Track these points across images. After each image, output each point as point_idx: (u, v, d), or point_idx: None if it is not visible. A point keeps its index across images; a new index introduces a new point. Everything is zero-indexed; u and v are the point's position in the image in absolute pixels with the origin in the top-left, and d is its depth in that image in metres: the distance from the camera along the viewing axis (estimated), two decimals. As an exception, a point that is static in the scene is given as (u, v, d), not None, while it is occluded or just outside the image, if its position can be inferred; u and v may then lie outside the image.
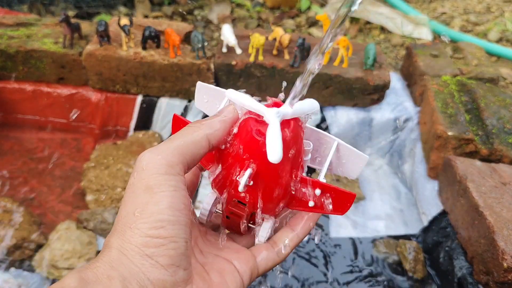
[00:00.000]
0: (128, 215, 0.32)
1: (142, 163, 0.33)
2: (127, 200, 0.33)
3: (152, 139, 1.31)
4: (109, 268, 0.30)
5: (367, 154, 1.50)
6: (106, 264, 0.31)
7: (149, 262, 0.31)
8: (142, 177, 0.33)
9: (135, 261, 0.31)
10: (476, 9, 1.96)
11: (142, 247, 0.31)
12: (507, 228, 0.83)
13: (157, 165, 0.33)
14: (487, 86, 1.25)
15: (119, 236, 0.32)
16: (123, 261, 0.31)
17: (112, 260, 0.31)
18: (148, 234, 0.31)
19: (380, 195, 1.22)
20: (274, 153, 0.34)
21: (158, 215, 0.31)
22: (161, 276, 0.31)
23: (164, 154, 0.33)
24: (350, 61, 1.27)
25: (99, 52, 1.22)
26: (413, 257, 1.02)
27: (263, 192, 0.38)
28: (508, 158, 1.05)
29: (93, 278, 0.30)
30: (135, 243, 0.31)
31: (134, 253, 0.31)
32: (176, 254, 0.32)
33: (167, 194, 0.32)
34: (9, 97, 1.31)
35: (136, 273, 0.30)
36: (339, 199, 0.40)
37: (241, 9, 1.97)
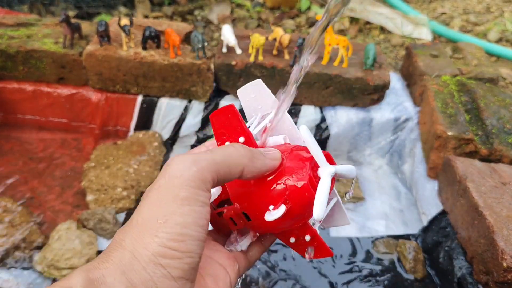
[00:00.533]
0: (150, 220, 0.32)
1: (175, 169, 0.33)
2: (151, 203, 0.32)
3: (152, 139, 1.31)
4: (119, 273, 0.30)
5: (367, 154, 1.50)
6: (116, 266, 0.30)
7: (161, 272, 0.31)
8: (173, 184, 0.32)
9: (147, 269, 0.30)
10: (476, 9, 1.97)
11: (158, 256, 0.31)
12: (507, 228, 0.83)
13: (192, 177, 0.32)
14: (486, 86, 1.26)
15: (136, 239, 0.31)
16: (135, 267, 0.30)
17: (124, 263, 0.31)
18: (167, 245, 0.31)
19: (380, 195, 1.22)
20: (319, 211, 0.35)
21: (182, 228, 0.31)
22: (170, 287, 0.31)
23: (200, 167, 0.33)
24: (350, 61, 1.28)
25: (99, 52, 1.22)
26: (413, 257, 1.02)
27: (274, 224, 0.38)
28: (508, 158, 1.05)
29: (101, 279, 0.29)
30: (151, 250, 0.31)
31: (148, 259, 0.31)
32: (189, 268, 0.32)
33: (195, 209, 0.32)
34: (9, 97, 1.31)
35: (146, 280, 0.30)
36: (318, 249, 0.42)
37: (241, 9, 1.98)
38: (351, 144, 1.32)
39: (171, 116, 1.32)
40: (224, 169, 0.34)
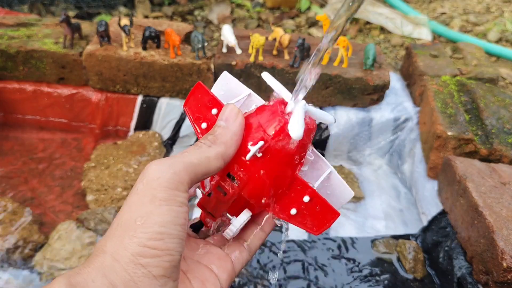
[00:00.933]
0: (129, 222, 0.32)
1: (152, 173, 0.34)
2: (130, 206, 0.33)
3: (153, 139, 1.31)
4: (100, 275, 0.30)
5: (366, 154, 1.50)
6: (97, 270, 0.31)
7: (142, 272, 0.31)
8: (151, 187, 0.33)
9: (128, 269, 0.31)
10: (476, 9, 1.97)
11: (137, 256, 0.31)
12: (507, 228, 0.83)
13: (168, 179, 0.33)
14: (486, 86, 1.26)
15: (116, 242, 0.32)
16: (116, 268, 0.31)
17: (104, 266, 0.31)
18: (146, 244, 0.31)
19: (380, 195, 1.23)
20: (296, 129, 0.34)
21: (160, 227, 0.32)
22: (151, 286, 0.31)
23: (176, 170, 0.34)
24: (350, 61, 1.28)
25: (99, 52, 1.22)
26: (413, 257, 1.02)
27: (261, 176, 0.38)
28: (507, 158, 1.05)
29: (82, 283, 0.30)
30: (131, 250, 0.31)
31: (128, 260, 0.31)
32: (169, 266, 0.32)
33: (173, 209, 0.33)
34: (10, 97, 1.31)
35: (127, 281, 0.30)
36: (322, 214, 0.39)
37: (241, 9, 1.98)
38: (351, 144, 1.32)
39: (171, 116, 1.32)
40: (202, 165, 0.35)
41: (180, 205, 0.33)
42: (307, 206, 0.39)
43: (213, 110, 0.41)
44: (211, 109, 0.41)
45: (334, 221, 0.39)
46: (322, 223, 0.39)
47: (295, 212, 0.40)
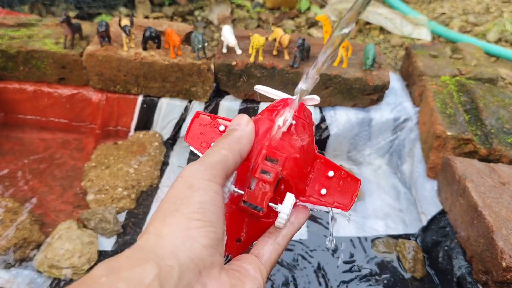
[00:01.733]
0: (169, 205, 0.34)
1: (187, 171, 0.36)
2: (168, 197, 0.35)
3: (153, 139, 1.32)
4: (145, 252, 0.30)
5: (366, 154, 1.50)
6: (142, 249, 0.31)
7: (191, 242, 0.32)
8: (187, 180, 0.35)
9: (176, 242, 0.31)
10: (475, 9, 1.97)
11: (184, 228, 0.32)
12: (506, 228, 0.83)
13: (202, 173, 0.35)
14: (486, 86, 1.26)
15: (158, 223, 0.33)
16: (162, 244, 0.31)
17: (149, 245, 0.31)
18: (191, 216, 0.33)
19: (380, 195, 1.23)
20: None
21: (200, 204, 0.33)
22: (202, 255, 0.32)
23: (208, 166, 0.36)
24: (349, 61, 1.28)
25: (99, 52, 1.22)
26: (413, 257, 1.02)
27: (293, 148, 0.40)
28: (507, 158, 1.06)
29: (126, 263, 0.29)
30: (177, 225, 0.32)
31: (175, 235, 0.32)
32: (215, 238, 0.33)
33: (209, 193, 0.34)
34: (10, 97, 1.32)
35: (176, 252, 0.31)
36: (347, 186, 0.41)
37: (241, 9, 1.98)
38: (351, 144, 1.32)
39: (172, 116, 1.32)
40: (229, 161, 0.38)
41: (216, 192, 0.35)
42: (332, 182, 0.41)
43: (221, 127, 0.44)
44: (218, 127, 0.44)
45: (358, 189, 0.41)
46: (349, 196, 0.41)
47: (325, 192, 0.41)
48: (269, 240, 0.41)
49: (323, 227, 1.12)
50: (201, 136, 0.45)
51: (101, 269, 0.29)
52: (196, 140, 0.44)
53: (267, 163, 0.40)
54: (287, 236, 0.41)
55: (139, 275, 0.28)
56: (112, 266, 0.29)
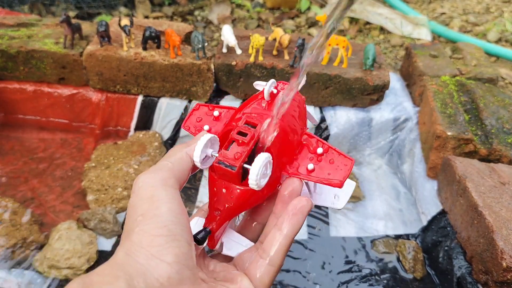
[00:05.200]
0: (132, 223, 0.34)
1: (138, 183, 0.37)
2: (129, 215, 0.35)
3: (153, 139, 1.32)
4: (115, 269, 0.31)
5: (366, 154, 1.49)
6: (112, 266, 0.32)
7: (155, 261, 0.32)
8: (140, 193, 0.36)
9: (141, 261, 0.32)
10: (476, 9, 1.97)
11: (147, 247, 0.32)
12: (506, 228, 0.83)
13: (153, 181, 0.36)
14: (486, 86, 1.26)
15: (125, 241, 0.33)
16: (130, 262, 0.32)
17: (118, 262, 0.32)
18: (152, 233, 0.33)
19: (380, 195, 1.23)
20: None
21: (160, 217, 0.34)
22: (167, 274, 0.32)
23: (157, 173, 0.37)
24: (349, 61, 1.28)
25: (99, 52, 1.22)
26: (413, 257, 1.02)
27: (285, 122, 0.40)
28: (507, 158, 1.06)
29: (97, 280, 0.30)
30: (140, 244, 0.32)
31: (140, 253, 0.32)
32: (180, 252, 0.33)
33: (166, 201, 0.35)
34: (10, 97, 1.32)
35: (143, 272, 0.31)
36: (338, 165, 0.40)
37: (241, 9, 1.98)
38: (351, 144, 1.32)
39: (171, 116, 1.32)
40: (175, 164, 0.38)
41: (172, 197, 0.35)
42: (321, 160, 0.40)
43: (215, 112, 0.45)
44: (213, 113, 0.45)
45: (351, 168, 0.40)
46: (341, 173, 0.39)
47: (312, 167, 0.40)
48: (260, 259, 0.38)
49: (323, 227, 1.12)
50: (197, 123, 0.46)
51: (75, 285, 0.30)
52: (192, 126, 0.46)
53: (246, 126, 0.40)
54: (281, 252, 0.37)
55: None
56: (85, 283, 0.30)
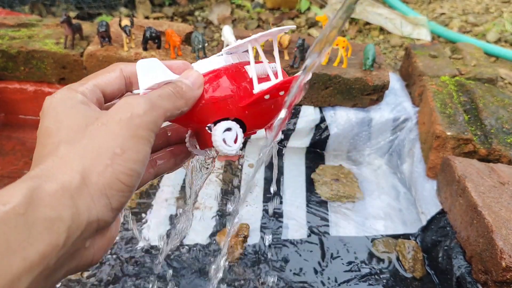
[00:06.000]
0: (107, 149, 0.32)
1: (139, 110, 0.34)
2: (110, 132, 0.33)
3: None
4: (67, 196, 0.29)
5: (366, 154, 1.50)
6: (64, 189, 0.29)
7: (105, 202, 0.31)
8: (135, 123, 0.33)
9: (94, 197, 0.30)
10: (475, 9, 1.97)
11: (107, 186, 0.31)
12: (506, 228, 0.84)
13: (152, 121, 0.34)
14: (485, 87, 1.26)
15: (89, 163, 0.31)
16: (84, 193, 0.30)
17: (72, 187, 0.30)
18: (118, 177, 0.31)
19: (379, 195, 1.23)
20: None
21: (134, 163, 0.32)
22: (107, 218, 0.31)
23: (158, 114, 0.35)
24: (349, 61, 1.28)
25: (100, 52, 1.22)
26: (412, 256, 1.02)
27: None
28: (506, 158, 1.06)
29: (44, 199, 0.28)
30: (103, 180, 0.31)
31: (97, 188, 0.31)
32: (125, 202, 0.33)
33: (146, 150, 0.34)
34: (11, 98, 1.32)
35: (90, 208, 0.30)
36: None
37: (241, 10, 1.98)
38: (351, 144, 1.32)
39: (172, 116, 1.32)
40: (171, 116, 0.37)
41: (150, 146, 0.34)
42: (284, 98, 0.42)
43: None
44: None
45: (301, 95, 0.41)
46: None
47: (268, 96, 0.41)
48: None
49: (323, 226, 1.12)
50: None
51: (20, 194, 0.29)
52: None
53: None
54: None
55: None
56: (31, 196, 0.29)
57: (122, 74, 0.39)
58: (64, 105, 0.35)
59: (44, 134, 0.34)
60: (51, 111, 0.35)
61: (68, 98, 0.35)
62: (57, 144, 0.32)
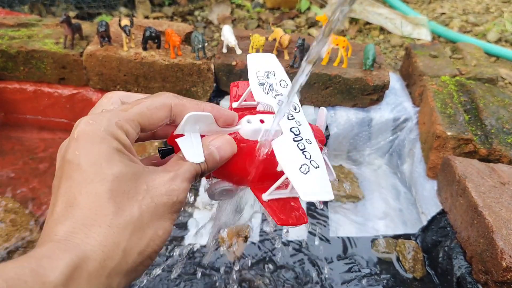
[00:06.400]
0: (153, 231, 0.32)
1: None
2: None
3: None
4: (105, 275, 0.29)
5: (366, 154, 1.50)
6: (105, 267, 0.29)
7: (132, 277, 0.31)
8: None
9: (127, 274, 0.30)
10: (475, 9, 1.97)
11: (140, 264, 0.31)
12: (506, 228, 0.83)
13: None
14: (486, 86, 1.26)
15: (135, 244, 0.30)
16: (122, 270, 0.30)
17: (113, 265, 0.29)
18: (151, 256, 0.32)
19: (380, 195, 1.23)
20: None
21: (163, 243, 0.33)
22: None
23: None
24: (349, 61, 1.28)
25: (99, 52, 1.22)
26: (412, 257, 1.02)
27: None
28: (507, 158, 1.06)
29: (84, 277, 0.27)
30: (140, 259, 0.31)
31: (132, 267, 0.30)
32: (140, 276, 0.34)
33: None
34: (10, 97, 1.32)
35: (120, 285, 0.30)
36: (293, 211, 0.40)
37: (241, 9, 1.98)
38: (351, 144, 1.32)
39: (172, 116, 1.32)
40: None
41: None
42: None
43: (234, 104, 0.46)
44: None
45: (299, 224, 0.40)
46: (288, 217, 0.40)
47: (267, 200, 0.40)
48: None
49: (324, 227, 1.12)
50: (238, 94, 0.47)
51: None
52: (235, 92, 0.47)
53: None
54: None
55: None
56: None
57: (170, 112, 0.37)
58: (98, 151, 0.31)
59: (76, 179, 0.31)
60: (82, 155, 0.31)
61: (102, 143, 0.31)
62: (99, 208, 0.30)
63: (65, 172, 0.31)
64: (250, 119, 0.41)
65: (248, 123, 0.40)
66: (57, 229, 0.29)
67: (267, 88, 0.45)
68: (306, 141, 0.40)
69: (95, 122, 0.32)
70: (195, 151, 0.37)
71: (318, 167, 0.38)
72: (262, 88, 0.44)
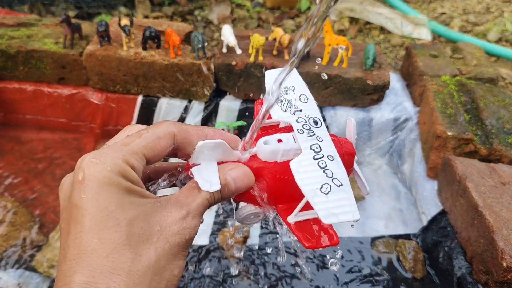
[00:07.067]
0: (169, 272, 0.32)
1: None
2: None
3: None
4: None
5: (366, 154, 1.50)
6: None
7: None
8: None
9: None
10: (476, 9, 1.97)
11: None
12: (506, 228, 0.83)
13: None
14: (486, 86, 1.26)
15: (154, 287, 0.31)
16: None
17: None
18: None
19: (380, 195, 1.23)
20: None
21: (178, 281, 0.33)
22: None
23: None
24: (349, 61, 1.28)
25: (99, 52, 1.22)
26: (413, 257, 1.02)
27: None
28: (507, 158, 1.05)
29: None
30: None
31: None
32: None
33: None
34: (10, 97, 1.32)
35: None
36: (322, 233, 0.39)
37: (241, 9, 1.98)
38: (351, 144, 1.32)
39: (171, 116, 1.32)
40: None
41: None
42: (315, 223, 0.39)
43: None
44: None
45: (330, 246, 0.39)
46: (317, 239, 0.38)
47: (294, 222, 0.39)
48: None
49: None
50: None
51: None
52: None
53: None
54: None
55: None
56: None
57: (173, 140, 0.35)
58: (107, 195, 0.30)
59: (86, 224, 0.30)
60: (90, 200, 0.30)
61: (111, 185, 0.30)
62: (116, 256, 0.29)
63: (73, 217, 0.31)
64: (267, 139, 0.39)
65: (264, 144, 0.38)
66: (75, 278, 0.28)
67: (285, 105, 0.43)
68: (328, 158, 0.39)
69: (100, 161, 0.31)
70: (211, 179, 0.36)
71: (341, 185, 0.37)
72: (280, 105, 0.43)
